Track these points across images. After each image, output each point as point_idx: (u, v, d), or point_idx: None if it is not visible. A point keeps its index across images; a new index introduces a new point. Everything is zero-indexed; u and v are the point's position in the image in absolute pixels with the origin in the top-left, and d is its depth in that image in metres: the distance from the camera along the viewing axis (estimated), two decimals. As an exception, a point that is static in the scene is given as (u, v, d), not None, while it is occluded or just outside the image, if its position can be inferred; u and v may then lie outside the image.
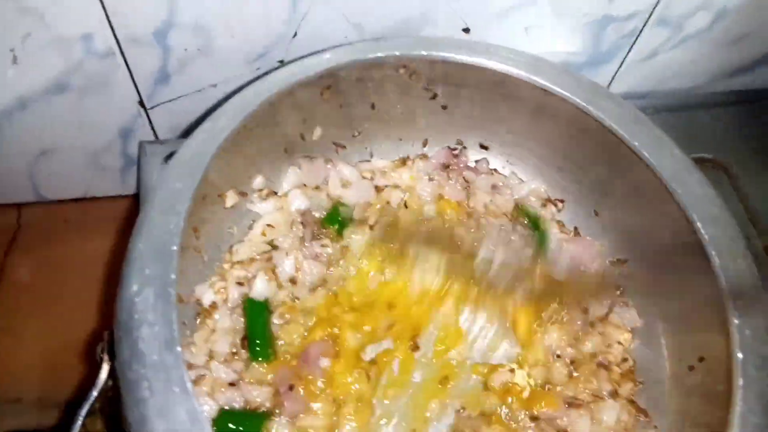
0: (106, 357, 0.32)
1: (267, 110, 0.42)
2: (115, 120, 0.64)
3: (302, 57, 0.48)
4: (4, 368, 0.64)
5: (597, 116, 0.45)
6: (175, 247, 0.33)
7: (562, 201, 0.57)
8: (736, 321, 0.38)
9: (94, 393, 0.31)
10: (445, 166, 0.58)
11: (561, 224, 0.57)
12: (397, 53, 0.45)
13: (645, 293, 0.51)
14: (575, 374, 0.48)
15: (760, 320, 0.39)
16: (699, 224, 0.42)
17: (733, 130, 0.70)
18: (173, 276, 0.33)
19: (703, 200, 0.43)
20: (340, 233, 0.53)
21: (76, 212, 0.75)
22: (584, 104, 0.46)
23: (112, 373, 0.32)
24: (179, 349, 0.31)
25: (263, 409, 0.43)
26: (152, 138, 0.67)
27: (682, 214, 0.43)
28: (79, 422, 0.29)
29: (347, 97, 0.50)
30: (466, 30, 0.59)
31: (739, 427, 0.35)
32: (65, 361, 0.64)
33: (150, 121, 0.65)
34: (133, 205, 0.75)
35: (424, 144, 0.59)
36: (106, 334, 0.34)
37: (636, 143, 0.45)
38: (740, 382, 0.37)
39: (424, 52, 0.45)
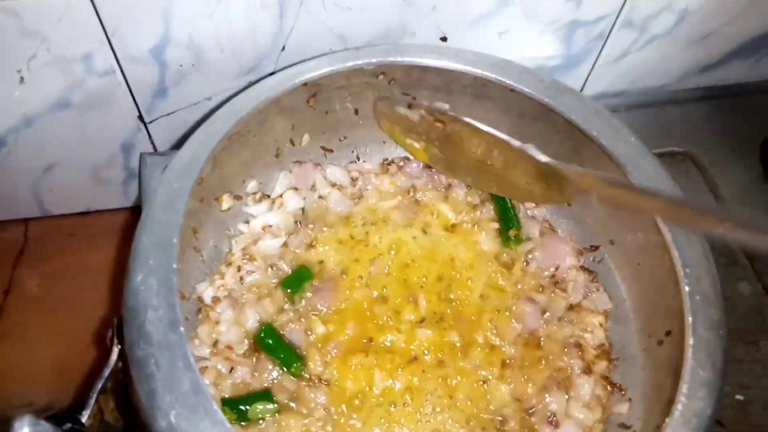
0: (115, 341, 0.35)
1: (257, 116, 0.46)
2: (116, 134, 0.67)
3: (287, 66, 0.52)
4: (15, 374, 0.67)
5: (559, 111, 0.49)
6: (175, 240, 0.37)
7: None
8: (687, 288, 0.42)
9: (106, 372, 0.34)
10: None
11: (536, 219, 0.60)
12: (374, 60, 0.48)
13: (614, 276, 0.54)
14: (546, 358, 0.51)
15: (708, 287, 0.42)
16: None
17: (703, 124, 0.74)
18: (174, 265, 0.36)
19: (656, 181, 0.47)
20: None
21: (81, 225, 0.78)
22: (547, 100, 0.49)
23: (121, 356, 0.35)
24: (182, 329, 0.34)
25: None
26: (151, 150, 0.70)
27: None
28: (93, 398, 0.32)
29: (332, 104, 0.53)
30: (444, 39, 0.63)
31: (689, 381, 0.39)
32: (73, 366, 0.67)
33: (149, 135, 0.68)
34: (135, 217, 0.79)
35: (408, 146, 0.62)
36: (115, 320, 0.37)
37: (595, 133, 0.48)
38: (690, 341, 0.40)
39: (398, 58, 0.49)
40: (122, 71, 0.60)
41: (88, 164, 0.70)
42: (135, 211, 0.79)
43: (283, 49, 0.60)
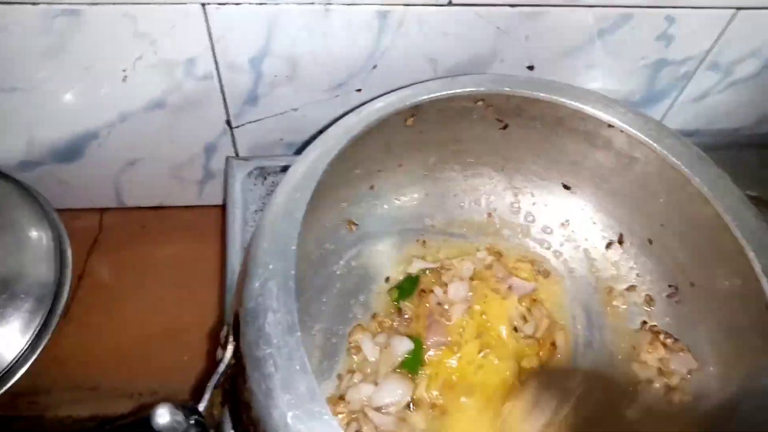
0: (230, 339, 0.37)
1: (366, 135, 0.47)
2: (202, 136, 0.69)
3: (396, 89, 0.53)
4: (83, 358, 0.69)
5: (661, 153, 0.50)
6: (293, 247, 0.38)
7: (621, 240, 0.61)
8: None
9: (221, 368, 0.35)
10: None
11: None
12: (483, 89, 0.50)
13: (694, 325, 0.54)
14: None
15: None
16: (752, 254, 0.46)
17: (778, 170, 0.73)
18: (293, 271, 0.37)
19: (757, 233, 0.47)
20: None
21: (153, 219, 0.81)
22: (650, 141, 0.50)
23: (235, 354, 0.37)
24: (299, 333, 0.35)
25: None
26: (233, 153, 0.72)
27: (736, 244, 0.47)
28: (209, 392, 0.33)
29: (427, 125, 0.55)
30: (531, 67, 0.64)
31: None
32: (138, 353, 0.69)
33: (233, 139, 0.70)
34: (207, 215, 0.81)
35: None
36: (231, 317, 0.39)
37: (698, 179, 0.49)
38: None
39: (507, 89, 0.50)
40: (219, 77, 0.62)
41: (171, 162, 0.72)
42: (207, 210, 0.81)
43: (374, 67, 0.62)
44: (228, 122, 0.68)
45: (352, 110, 0.50)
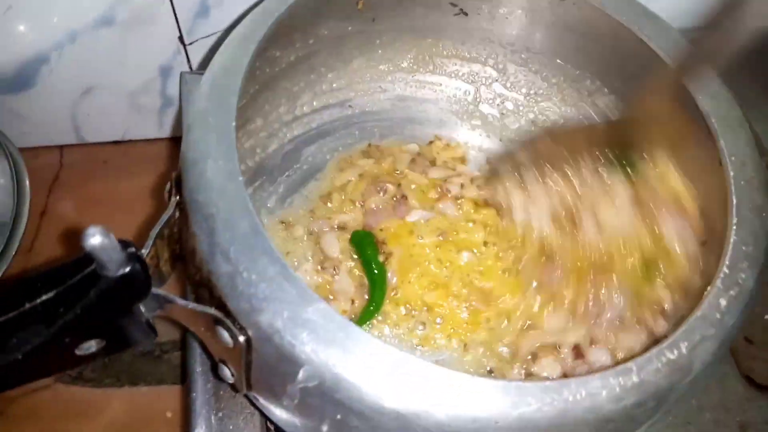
0: (174, 191, 0.36)
1: (310, 4, 0.46)
2: (156, 56, 0.68)
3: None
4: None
5: (610, 13, 0.48)
6: (234, 101, 0.38)
7: None
8: (732, 173, 0.42)
9: (165, 217, 0.35)
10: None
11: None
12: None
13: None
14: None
15: (752, 173, 0.42)
16: (700, 97, 0.45)
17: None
18: (233, 124, 0.37)
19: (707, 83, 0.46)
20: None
21: (115, 154, 0.80)
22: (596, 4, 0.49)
23: (178, 207, 0.36)
24: (241, 179, 0.35)
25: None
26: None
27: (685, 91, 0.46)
28: (153, 239, 0.33)
29: (379, 11, 0.54)
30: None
31: (732, 255, 0.39)
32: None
33: (188, 58, 0.69)
34: (169, 148, 0.80)
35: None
36: (173, 174, 0.38)
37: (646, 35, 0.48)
38: (734, 220, 0.40)
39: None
40: (167, -14, 0.61)
41: (127, 89, 0.71)
42: (169, 142, 0.80)
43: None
44: (181, 38, 0.66)
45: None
